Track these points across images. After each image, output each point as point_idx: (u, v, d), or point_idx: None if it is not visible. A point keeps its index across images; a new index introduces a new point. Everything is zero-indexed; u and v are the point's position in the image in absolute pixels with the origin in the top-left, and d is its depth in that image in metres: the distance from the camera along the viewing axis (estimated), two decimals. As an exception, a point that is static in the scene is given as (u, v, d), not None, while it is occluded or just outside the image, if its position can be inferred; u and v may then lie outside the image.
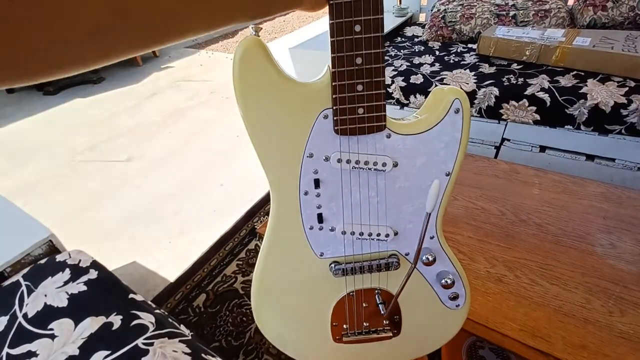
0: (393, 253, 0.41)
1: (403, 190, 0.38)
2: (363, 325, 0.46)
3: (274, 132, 0.34)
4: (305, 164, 0.35)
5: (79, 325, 0.47)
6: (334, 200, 0.37)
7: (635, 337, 0.55)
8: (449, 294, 0.44)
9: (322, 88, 0.33)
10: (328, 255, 0.41)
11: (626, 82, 1.03)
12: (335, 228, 0.39)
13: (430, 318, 0.46)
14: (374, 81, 0.31)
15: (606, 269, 0.65)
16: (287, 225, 0.39)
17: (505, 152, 1.19)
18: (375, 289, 0.44)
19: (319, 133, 0.34)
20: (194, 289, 1.05)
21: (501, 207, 0.78)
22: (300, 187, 0.37)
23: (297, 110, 0.33)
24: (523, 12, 1.33)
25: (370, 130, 0.34)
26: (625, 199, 0.78)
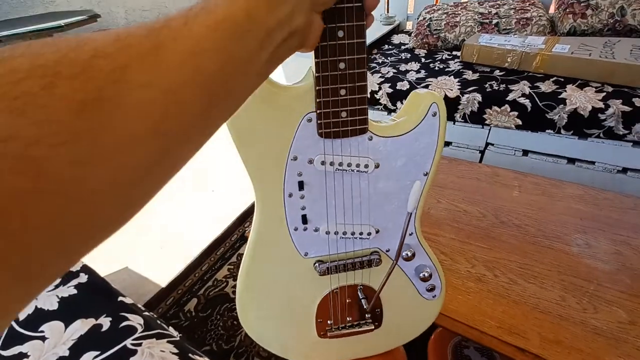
0: (375, 250, 0.43)
1: (384, 191, 0.39)
2: (346, 320, 0.47)
3: (258, 135, 0.34)
4: (290, 167, 0.36)
5: (69, 327, 0.48)
6: (318, 201, 0.38)
7: (608, 332, 0.57)
8: (426, 286, 0.46)
9: (305, 92, 0.33)
10: (312, 255, 0.42)
11: (604, 87, 1.06)
12: (319, 228, 0.40)
13: (409, 309, 0.48)
14: (357, 85, 0.32)
15: (581, 267, 0.67)
16: (271, 227, 0.40)
17: (489, 156, 1.22)
18: (358, 285, 0.45)
19: (303, 136, 0.35)
20: (185, 294, 1.06)
21: (482, 209, 0.81)
22: (284, 190, 0.37)
23: (281, 113, 0.34)
24: (505, 20, 1.37)
25: (353, 133, 0.34)
26: (601, 200, 0.81)
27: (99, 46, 0.14)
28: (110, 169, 0.13)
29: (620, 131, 1.00)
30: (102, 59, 0.13)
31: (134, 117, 0.14)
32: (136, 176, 0.14)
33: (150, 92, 0.14)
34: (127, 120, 0.13)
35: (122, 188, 0.14)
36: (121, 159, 0.13)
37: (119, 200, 0.14)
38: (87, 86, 0.12)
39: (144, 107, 0.14)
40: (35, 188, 0.11)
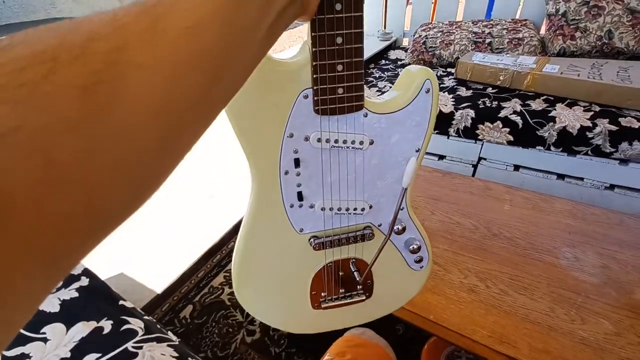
0: (367, 225, 0.44)
1: (378, 167, 0.39)
2: (339, 291, 0.48)
3: (253, 112, 0.34)
4: (286, 144, 0.36)
5: (71, 329, 0.49)
6: (314, 178, 0.38)
7: (595, 343, 0.59)
8: (415, 258, 0.48)
9: (301, 67, 0.32)
10: (307, 231, 0.42)
11: (591, 106, 1.11)
12: (315, 205, 0.40)
13: (398, 280, 0.49)
14: (354, 61, 0.31)
15: (570, 280, 0.70)
16: (267, 204, 0.40)
17: (482, 170, 1.25)
18: (351, 258, 0.46)
19: (299, 113, 0.34)
20: (181, 300, 1.06)
21: (475, 221, 0.83)
22: (280, 167, 0.37)
23: (277, 90, 0.33)
24: (498, 39, 1.43)
25: (349, 110, 0.34)
26: (589, 215, 0.84)
27: (95, 27, 0.13)
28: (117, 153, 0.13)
29: (608, 149, 1.04)
30: (99, 41, 0.13)
31: (137, 98, 0.13)
32: (144, 158, 0.14)
33: (150, 72, 0.14)
34: (130, 102, 0.13)
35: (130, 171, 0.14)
36: (127, 141, 0.13)
37: (128, 184, 0.14)
38: (86, 70, 0.12)
39: (145, 87, 0.14)
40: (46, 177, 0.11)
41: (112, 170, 0.13)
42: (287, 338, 0.96)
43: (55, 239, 0.12)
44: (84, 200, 0.12)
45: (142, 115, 0.14)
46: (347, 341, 0.59)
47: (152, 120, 0.14)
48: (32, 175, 0.11)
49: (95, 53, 0.13)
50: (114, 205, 0.14)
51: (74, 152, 0.12)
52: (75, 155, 0.12)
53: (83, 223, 0.13)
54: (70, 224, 0.12)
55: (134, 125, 0.13)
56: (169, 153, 0.16)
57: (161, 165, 0.16)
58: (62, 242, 0.12)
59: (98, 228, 0.14)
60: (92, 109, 0.12)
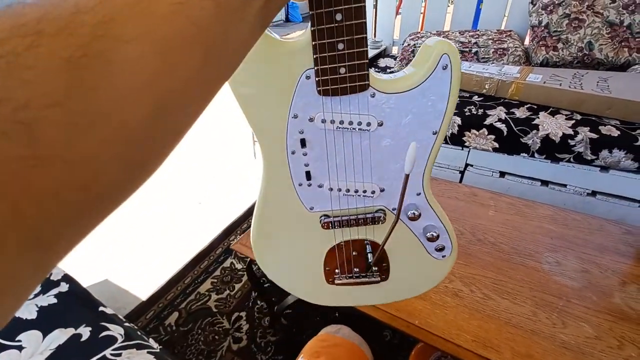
0: (380, 208, 0.42)
1: (388, 149, 0.37)
2: (353, 270, 0.47)
3: (258, 94, 0.34)
4: (291, 125, 0.35)
5: (48, 336, 0.48)
6: (320, 159, 0.38)
7: (576, 346, 0.60)
8: (435, 246, 0.45)
9: (303, 47, 0.31)
10: (318, 209, 0.42)
11: (573, 115, 1.14)
12: (323, 185, 0.40)
13: (417, 266, 0.47)
14: (355, 38, 0.29)
15: (551, 284, 0.71)
16: (277, 183, 0.40)
17: (469, 176, 1.27)
18: (365, 240, 0.45)
19: (303, 94, 0.33)
20: (166, 307, 1.05)
21: (460, 227, 0.84)
22: (287, 147, 0.37)
23: (279, 70, 0.32)
24: (484, 49, 1.46)
25: (352, 91, 0.32)
26: (570, 220, 0.86)
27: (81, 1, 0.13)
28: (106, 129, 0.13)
29: (589, 156, 1.07)
30: (85, 14, 0.12)
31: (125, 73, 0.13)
32: (135, 137, 0.14)
33: (139, 47, 0.13)
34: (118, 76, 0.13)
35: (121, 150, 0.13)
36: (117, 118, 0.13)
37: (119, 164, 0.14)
38: (72, 43, 0.12)
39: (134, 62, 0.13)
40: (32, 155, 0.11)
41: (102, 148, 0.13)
42: (274, 345, 0.95)
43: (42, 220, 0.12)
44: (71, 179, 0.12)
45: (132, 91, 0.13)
46: (321, 341, 0.59)
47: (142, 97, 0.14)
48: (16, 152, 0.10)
49: (81, 26, 0.12)
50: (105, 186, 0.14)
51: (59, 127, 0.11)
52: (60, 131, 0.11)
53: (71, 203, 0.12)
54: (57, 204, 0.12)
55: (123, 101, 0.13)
56: (163, 133, 0.15)
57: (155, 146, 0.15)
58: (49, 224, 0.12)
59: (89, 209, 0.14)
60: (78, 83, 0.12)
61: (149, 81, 0.14)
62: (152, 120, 0.14)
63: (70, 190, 0.12)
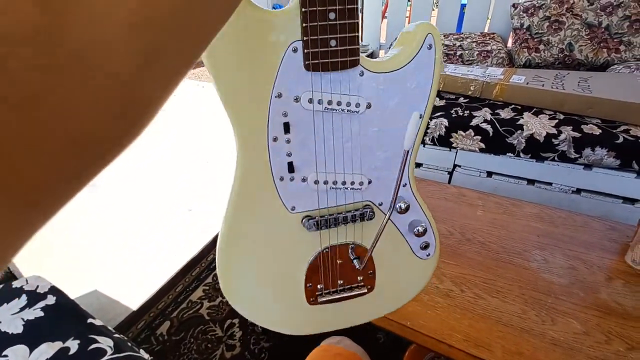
0: (367, 203, 0.40)
1: (376, 135, 0.36)
2: (338, 283, 0.44)
3: (237, 68, 0.30)
4: (274, 106, 0.32)
5: (35, 351, 0.47)
6: (306, 146, 0.35)
7: (565, 343, 0.61)
8: (420, 244, 0.44)
9: (290, 17, 0.29)
10: (300, 209, 0.38)
11: (556, 115, 1.17)
12: (307, 178, 0.36)
13: (403, 269, 0.46)
14: (347, 8, 0.28)
15: (540, 282, 0.72)
16: (255, 179, 0.36)
17: (457, 177, 1.29)
18: (350, 244, 0.42)
19: (288, 69, 0.31)
20: (158, 317, 1.03)
21: (449, 227, 0.85)
22: (268, 133, 0.33)
23: (262, 42, 0.30)
24: (468, 52, 1.49)
25: (343, 66, 0.31)
26: (556, 218, 0.88)
27: None
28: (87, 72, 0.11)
29: (572, 155, 1.10)
30: None
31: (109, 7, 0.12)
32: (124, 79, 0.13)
33: None
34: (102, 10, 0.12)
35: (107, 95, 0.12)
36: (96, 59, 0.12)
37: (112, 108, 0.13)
38: None
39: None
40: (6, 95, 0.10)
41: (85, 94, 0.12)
42: (268, 352, 0.94)
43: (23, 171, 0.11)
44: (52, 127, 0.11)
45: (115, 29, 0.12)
46: (323, 351, 0.59)
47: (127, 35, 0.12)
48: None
49: None
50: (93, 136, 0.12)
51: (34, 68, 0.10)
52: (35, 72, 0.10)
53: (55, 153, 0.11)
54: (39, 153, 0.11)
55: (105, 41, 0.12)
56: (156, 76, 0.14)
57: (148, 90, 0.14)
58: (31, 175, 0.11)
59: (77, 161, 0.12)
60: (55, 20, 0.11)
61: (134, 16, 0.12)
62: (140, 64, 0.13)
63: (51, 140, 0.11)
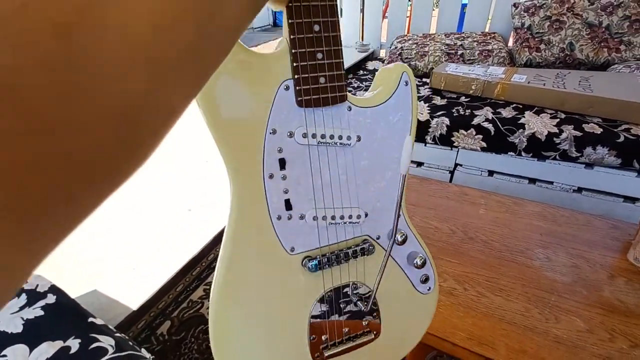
0: (365, 238, 0.40)
1: (368, 166, 0.38)
2: (343, 332, 0.43)
3: (232, 108, 0.32)
4: (269, 142, 0.33)
5: (35, 350, 0.46)
6: (302, 181, 0.35)
7: (569, 341, 0.61)
8: (420, 277, 0.44)
9: (281, 57, 0.32)
10: (299, 250, 0.37)
11: (557, 114, 1.17)
12: (305, 215, 0.37)
13: (406, 308, 0.45)
14: (332, 49, 0.31)
15: (543, 280, 0.72)
16: (251, 220, 0.35)
17: (458, 176, 1.29)
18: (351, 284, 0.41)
19: (281, 106, 0.33)
20: (158, 317, 1.02)
21: (452, 226, 0.85)
22: (264, 170, 0.34)
23: (256, 82, 0.32)
24: (470, 51, 1.49)
25: (333, 101, 0.33)
26: (559, 217, 0.88)
27: None
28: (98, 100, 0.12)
29: (574, 154, 1.10)
30: None
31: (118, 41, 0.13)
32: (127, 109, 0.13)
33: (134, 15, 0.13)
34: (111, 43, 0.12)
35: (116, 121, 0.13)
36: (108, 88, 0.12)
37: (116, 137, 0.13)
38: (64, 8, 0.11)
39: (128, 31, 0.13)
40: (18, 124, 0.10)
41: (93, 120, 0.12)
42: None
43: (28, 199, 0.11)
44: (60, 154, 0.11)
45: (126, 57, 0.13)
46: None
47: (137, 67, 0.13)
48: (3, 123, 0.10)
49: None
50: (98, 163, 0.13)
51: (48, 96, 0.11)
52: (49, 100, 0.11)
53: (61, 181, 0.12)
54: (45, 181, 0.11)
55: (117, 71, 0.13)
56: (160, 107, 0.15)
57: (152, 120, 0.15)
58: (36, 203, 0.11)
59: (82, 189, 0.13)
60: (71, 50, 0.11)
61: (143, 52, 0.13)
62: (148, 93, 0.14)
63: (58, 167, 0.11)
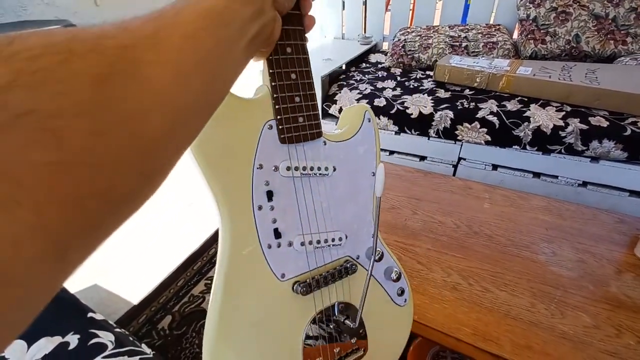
0: (346, 258, 0.44)
1: (345, 193, 0.43)
2: (335, 352, 0.45)
3: (222, 145, 0.35)
4: (256, 176, 0.37)
5: (33, 346, 0.45)
6: (288, 210, 0.39)
7: (575, 337, 0.60)
8: (397, 290, 0.48)
9: (263, 101, 0.36)
10: (290, 275, 0.40)
11: (563, 107, 1.15)
12: (293, 241, 0.39)
13: (387, 321, 0.48)
14: (308, 94, 0.37)
15: (548, 275, 0.71)
16: (242, 249, 0.37)
17: (462, 170, 1.27)
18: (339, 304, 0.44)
19: (266, 143, 0.37)
20: (159, 311, 1.02)
21: (456, 220, 0.84)
22: (253, 202, 0.37)
23: (243, 123, 0.36)
24: (474, 43, 1.46)
25: (311, 137, 0.39)
26: (564, 211, 0.86)
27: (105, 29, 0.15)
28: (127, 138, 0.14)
29: (580, 147, 1.08)
30: (110, 39, 0.14)
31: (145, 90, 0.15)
32: (150, 145, 0.15)
33: (158, 68, 0.15)
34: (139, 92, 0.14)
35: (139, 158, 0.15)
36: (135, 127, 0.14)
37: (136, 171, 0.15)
38: (101, 62, 0.13)
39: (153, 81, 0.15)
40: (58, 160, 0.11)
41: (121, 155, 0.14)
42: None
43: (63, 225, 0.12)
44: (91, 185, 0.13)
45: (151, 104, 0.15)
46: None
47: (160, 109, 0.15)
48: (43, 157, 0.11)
49: (107, 48, 0.14)
50: (121, 193, 0.14)
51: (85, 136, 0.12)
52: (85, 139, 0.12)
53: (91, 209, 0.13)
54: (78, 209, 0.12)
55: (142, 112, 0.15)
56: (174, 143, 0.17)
57: (167, 155, 0.17)
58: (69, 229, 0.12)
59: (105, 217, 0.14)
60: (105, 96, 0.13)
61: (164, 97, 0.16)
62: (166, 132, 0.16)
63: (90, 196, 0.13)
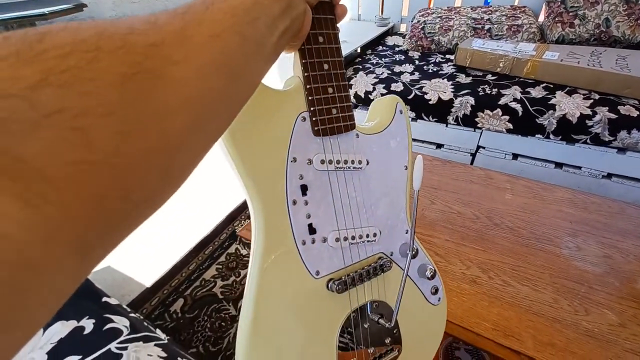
0: (380, 255, 0.43)
1: (378, 187, 0.42)
2: (369, 353, 0.44)
3: (256, 138, 0.34)
4: (290, 170, 0.36)
5: (48, 330, 0.45)
6: (323, 205, 0.38)
7: (599, 334, 0.58)
8: (430, 288, 0.46)
9: (296, 92, 0.36)
10: (324, 273, 0.39)
11: (591, 94, 1.09)
12: (328, 237, 0.39)
13: (422, 321, 0.47)
14: (341, 84, 0.36)
15: (572, 270, 0.68)
16: (277, 250, 0.37)
17: (480, 159, 1.23)
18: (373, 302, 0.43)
19: (299, 135, 0.36)
20: (172, 294, 1.03)
21: (476, 211, 0.81)
22: (287, 197, 0.36)
23: (276, 115, 0.35)
24: (497, 26, 1.39)
25: (345, 129, 0.38)
26: (589, 204, 0.83)
27: (134, 24, 0.15)
28: (151, 137, 0.14)
29: (607, 137, 1.03)
30: (138, 35, 0.14)
31: (171, 89, 0.15)
32: (173, 145, 0.15)
33: (183, 67, 0.15)
34: (165, 92, 0.14)
35: (161, 157, 0.15)
36: (161, 127, 0.14)
37: (159, 169, 0.15)
38: (128, 60, 0.13)
39: (178, 80, 0.15)
40: (84, 158, 0.11)
41: (146, 154, 0.14)
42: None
43: (87, 223, 0.12)
44: (117, 183, 0.13)
45: (175, 104, 0.15)
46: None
47: (183, 109, 0.15)
48: (71, 156, 0.11)
49: (135, 46, 0.14)
50: (145, 191, 0.15)
51: (111, 135, 0.12)
52: (112, 138, 0.12)
53: (115, 207, 0.13)
54: (102, 207, 0.12)
55: (167, 112, 0.15)
56: (196, 142, 0.17)
57: (190, 155, 0.17)
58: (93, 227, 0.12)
59: (129, 214, 0.14)
60: (132, 95, 0.13)
61: (190, 96, 0.16)
62: (188, 132, 0.16)
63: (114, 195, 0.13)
